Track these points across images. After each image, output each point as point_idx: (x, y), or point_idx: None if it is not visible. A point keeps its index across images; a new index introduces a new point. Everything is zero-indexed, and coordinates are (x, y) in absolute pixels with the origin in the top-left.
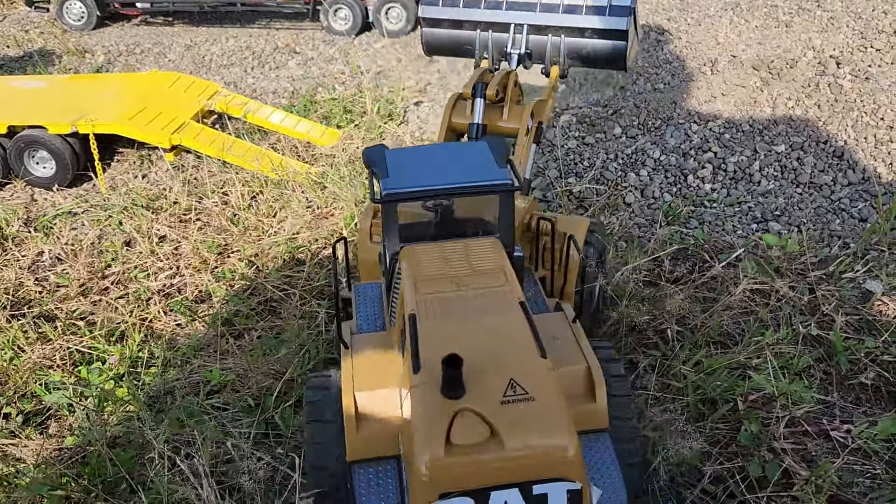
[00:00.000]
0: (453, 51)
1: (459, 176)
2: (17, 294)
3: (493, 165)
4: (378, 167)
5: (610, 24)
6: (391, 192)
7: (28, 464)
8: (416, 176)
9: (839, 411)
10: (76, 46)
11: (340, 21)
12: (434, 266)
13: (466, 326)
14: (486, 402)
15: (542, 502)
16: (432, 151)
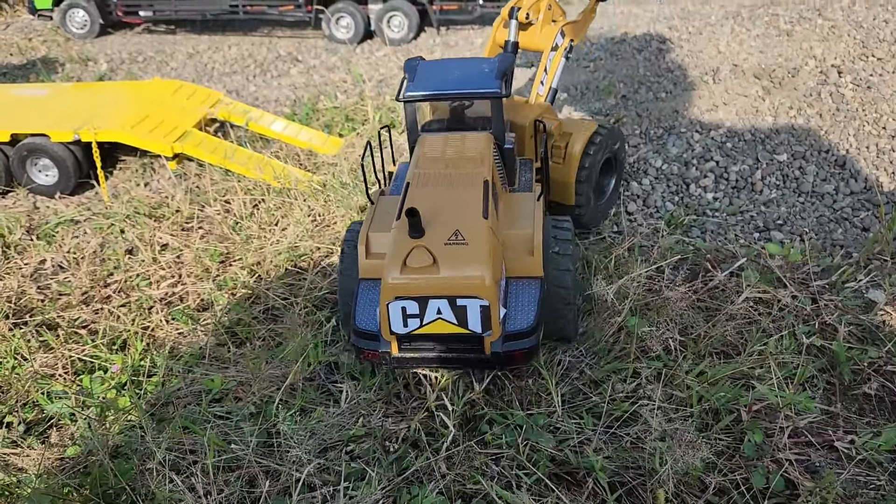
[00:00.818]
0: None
1: (463, 84)
2: (20, 302)
3: (492, 77)
4: (409, 74)
5: None
6: (408, 94)
7: (29, 474)
8: (433, 82)
9: (843, 422)
10: (79, 54)
11: (342, 29)
12: (435, 150)
13: (439, 193)
14: (435, 242)
15: (463, 311)
16: (455, 64)
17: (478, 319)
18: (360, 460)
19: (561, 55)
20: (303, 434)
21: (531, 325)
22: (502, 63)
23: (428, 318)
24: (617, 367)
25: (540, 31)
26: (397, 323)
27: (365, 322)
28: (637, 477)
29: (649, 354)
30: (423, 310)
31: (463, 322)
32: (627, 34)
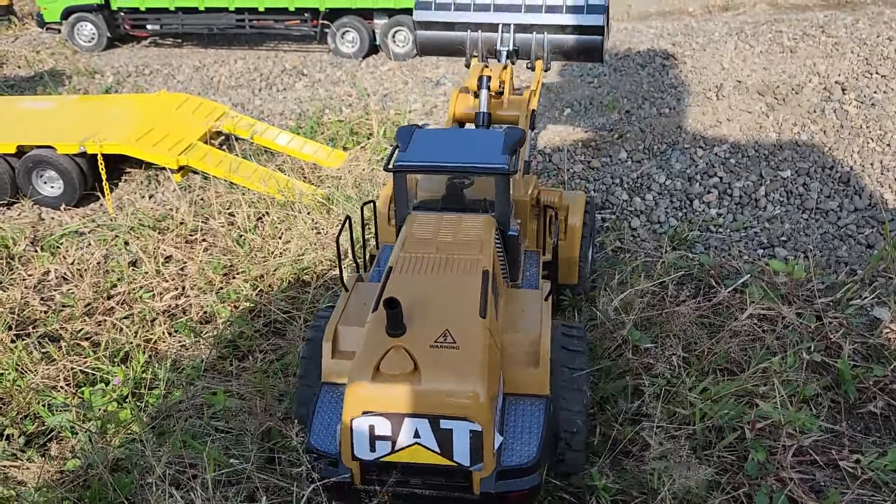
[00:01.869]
0: (445, 51)
1: (464, 157)
2: (23, 314)
3: (498, 151)
4: (401, 142)
5: (587, 20)
6: (401, 164)
7: (29, 487)
8: (430, 152)
9: (848, 441)
10: (86, 67)
11: (348, 44)
12: (427, 231)
13: (428, 282)
14: (418, 343)
15: (448, 436)
16: (455, 133)
17: (466, 448)
18: None
19: (528, 125)
20: None
21: (533, 458)
22: (510, 136)
23: (402, 441)
24: (621, 386)
25: (509, 101)
26: (362, 445)
27: (322, 440)
28: (640, 495)
29: (652, 371)
30: (396, 431)
31: (447, 451)
32: (631, 50)
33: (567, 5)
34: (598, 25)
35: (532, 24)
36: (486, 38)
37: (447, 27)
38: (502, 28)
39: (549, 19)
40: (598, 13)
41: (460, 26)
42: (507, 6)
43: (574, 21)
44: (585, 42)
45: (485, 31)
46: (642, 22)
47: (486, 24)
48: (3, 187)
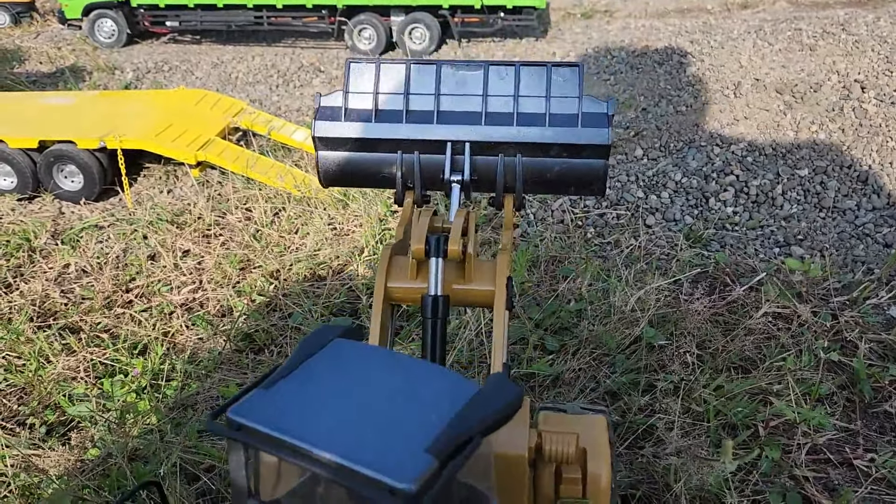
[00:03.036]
0: (365, 180)
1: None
2: (44, 306)
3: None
4: (282, 367)
5: (586, 137)
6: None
7: (50, 475)
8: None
9: (862, 440)
10: (106, 63)
11: (365, 40)
12: None
13: None
14: None
15: None
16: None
17: None
18: None
19: (505, 306)
20: None
21: None
22: (471, 411)
23: None
24: (633, 379)
25: (474, 268)
26: None
27: None
28: (652, 491)
29: (666, 368)
30: None
31: None
32: (648, 47)
33: (552, 113)
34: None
35: (499, 143)
36: (428, 163)
37: (365, 146)
38: (452, 148)
39: (526, 135)
40: (601, 126)
41: (386, 145)
42: (460, 115)
43: (564, 138)
44: (580, 169)
45: (425, 150)
46: (660, 19)
47: (426, 140)
48: (25, 181)
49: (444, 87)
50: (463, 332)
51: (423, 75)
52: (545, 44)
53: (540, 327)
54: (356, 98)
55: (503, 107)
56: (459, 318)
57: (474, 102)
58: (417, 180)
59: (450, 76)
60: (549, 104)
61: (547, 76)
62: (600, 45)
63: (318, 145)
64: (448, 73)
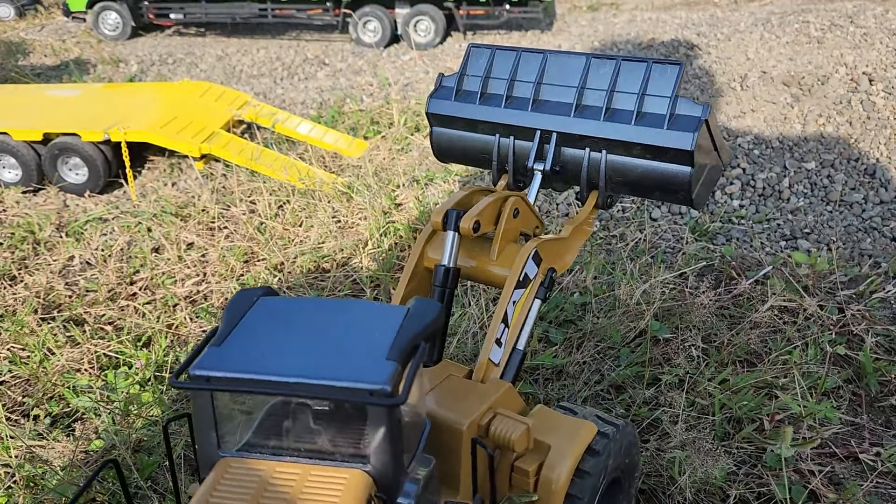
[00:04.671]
0: (469, 158)
1: (317, 366)
2: (48, 298)
3: (379, 356)
4: (223, 325)
5: (668, 140)
6: (200, 374)
7: (55, 466)
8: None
9: (868, 433)
10: (110, 56)
11: (369, 33)
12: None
13: None
14: None
15: None
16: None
17: None
18: None
19: (533, 294)
20: None
21: None
22: (410, 325)
23: None
24: (637, 372)
25: (497, 251)
26: None
27: None
28: (657, 484)
29: (671, 361)
30: None
31: None
32: (655, 40)
33: (641, 112)
34: (684, 150)
35: (584, 136)
36: (521, 149)
37: (469, 126)
38: (540, 137)
39: (610, 131)
40: (686, 130)
41: (487, 127)
42: (552, 105)
43: (648, 139)
44: (662, 173)
45: (520, 137)
46: (667, 12)
47: (520, 127)
48: (30, 174)
49: (546, 76)
50: (466, 323)
51: (530, 63)
52: (551, 37)
53: (544, 319)
54: (469, 80)
55: (595, 100)
56: (463, 310)
57: (569, 94)
58: (510, 164)
59: (553, 66)
60: (640, 102)
61: (645, 73)
62: (606, 38)
63: (431, 121)
64: (552, 62)
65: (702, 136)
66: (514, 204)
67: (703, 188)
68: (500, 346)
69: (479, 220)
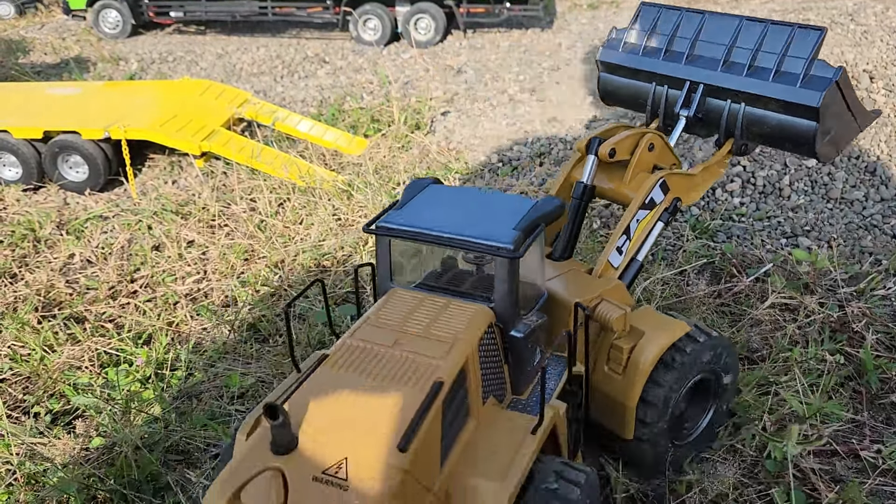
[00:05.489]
0: (628, 102)
1: (462, 228)
2: (49, 295)
3: (508, 227)
4: (404, 197)
5: (798, 96)
6: (383, 224)
7: (56, 463)
8: (426, 216)
9: (869, 431)
10: (111, 54)
11: (369, 31)
12: (396, 316)
13: (358, 385)
14: (303, 469)
15: None
16: (472, 197)
17: None
18: None
19: (656, 217)
20: None
21: None
22: (536, 210)
23: None
24: None
25: (630, 177)
26: None
27: None
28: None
29: None
30: None
31: None
32: None
33: (780, 70)
34: (811, 106)
35: (726, 89)
36: (673, 97)
37: (632, 74)
38: (689, 87)
39: (749, 86)
40: (816, 89)
41: (645, 76)
42: (703, 60)
43: (780, 94)
44: (791, 127)
45: (672, 87)
46: None
47: (673, 78)
48: (30, 172)
49: (702, 34)
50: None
51: (690, 21)
52: (551, 34)
53: None
54: (636, 34)
55: (741, 58)
56: None
57: (719, 51)
58: (661, 109)
59: (710, 25)
60: (780, 61)
61: (789, 36)
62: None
63: (600, 67)
64: (710, 22)
65: (831, 96)
66: (649, 139)
67: (829, 145)
68: (619, 254)
69: (615, 149)
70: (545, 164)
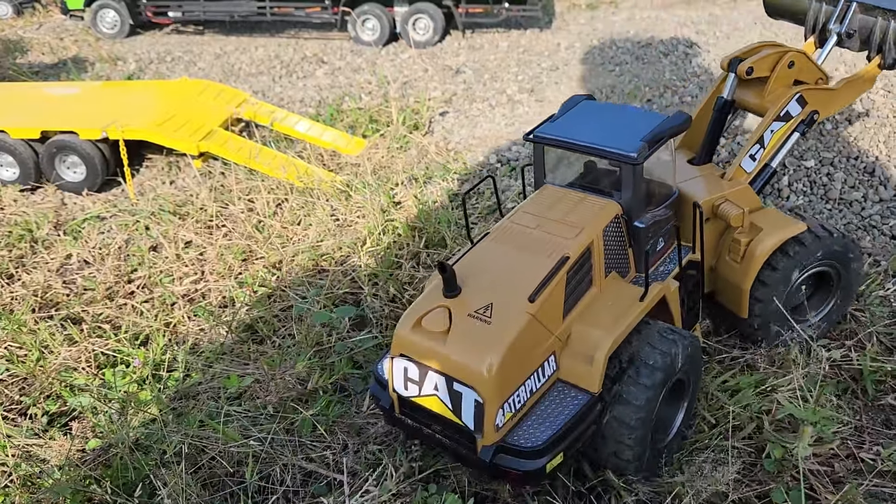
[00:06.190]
0: (790, 16)
1: (599, 138)
2: (46, 296)
3: (636, 137)
4: (560, 111)
5: None
6: (538, 134)
7: (51, 465)
8: (572, 128)
9: (868, 433)
10: (109, 54)
11: (368, 31)
12: (542, 205)
13: (507, 255)
14: (462, 308)
15: (458, 398)
16: (616, 112)
17: (471, 413)
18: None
19: (792, 128)
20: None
21: (539, 444)
22: (662, 125)
23: (425, 389)
24: None
25: (769, 91)
26: (399, 381)
27: (382, 369)
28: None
29: None
30: (422, 378)
31: (457, 410)
32: (654, 38)
33: None
34: None
35: (877, 7)
36: (829, 13)
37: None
38: (843, 3)
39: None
40: None
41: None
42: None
43: None
44: None
45: (829, 3)
46: (666, 10)
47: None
48: (28, 172)
49: None
50: None
51: None
52: (550, 34)
53: None
54: None
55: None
56: None
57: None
58: (818, 25)
59: None
60: None
61: None
62: (605, 36)
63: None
64: None
65: None
66: (790, 57)
67: None
68: (752, 161)
69: (752, 67)
70: None
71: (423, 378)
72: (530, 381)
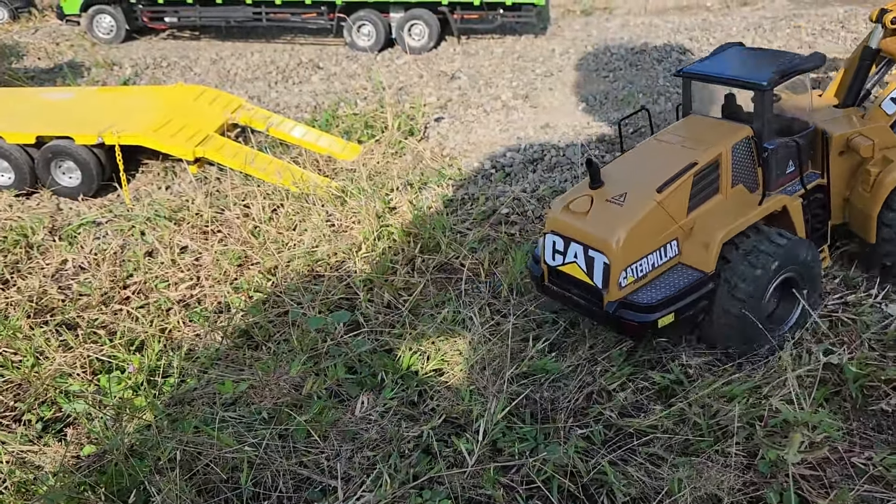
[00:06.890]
0: None
1: (735, 70)
2: (41, 302)
3: (769, 70)
4: (712, 53)
5: None
6: (686, 70)
7: (46, 471)
8: (717, 66)
9: (860, 438)
10: (105, 59)
11: (363, 37)
12: (685, 129)
13: (649, 160)
14: (603, 196)
15: (591, 262)
16: (758, 53)
17: (600, 274)
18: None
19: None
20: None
21: (654, 302)
22: (793, 61)
23: (568, 258)
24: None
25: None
26: (549, 254)
27: (538, 248)
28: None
29: (665, 366)
30: (566, 248)
31: (590, 272)
32: (648, 44)
33: None
34: None
35: None
36: None
37: None
38: None
39: None
40: None
41: None
42: None
43: None
44: None
45: None
46: (659, 17)
47: None
48: (23, 177)
49: None
50: None
51: None
52: (545, 41)
53: (542, 327)
54: None
55: None
56: None
57: None
58: None
59: None
60: None
61: None
62: (599, 43)
63: None
64: None
65: None
66: None
67: None
68: (893, 104)
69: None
70: (538, 171)
71: (566, 249)
72: (653, 256)
